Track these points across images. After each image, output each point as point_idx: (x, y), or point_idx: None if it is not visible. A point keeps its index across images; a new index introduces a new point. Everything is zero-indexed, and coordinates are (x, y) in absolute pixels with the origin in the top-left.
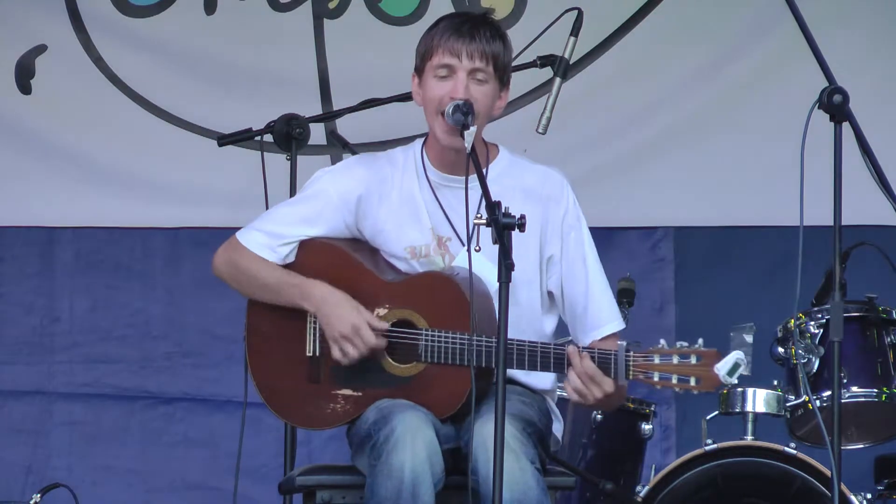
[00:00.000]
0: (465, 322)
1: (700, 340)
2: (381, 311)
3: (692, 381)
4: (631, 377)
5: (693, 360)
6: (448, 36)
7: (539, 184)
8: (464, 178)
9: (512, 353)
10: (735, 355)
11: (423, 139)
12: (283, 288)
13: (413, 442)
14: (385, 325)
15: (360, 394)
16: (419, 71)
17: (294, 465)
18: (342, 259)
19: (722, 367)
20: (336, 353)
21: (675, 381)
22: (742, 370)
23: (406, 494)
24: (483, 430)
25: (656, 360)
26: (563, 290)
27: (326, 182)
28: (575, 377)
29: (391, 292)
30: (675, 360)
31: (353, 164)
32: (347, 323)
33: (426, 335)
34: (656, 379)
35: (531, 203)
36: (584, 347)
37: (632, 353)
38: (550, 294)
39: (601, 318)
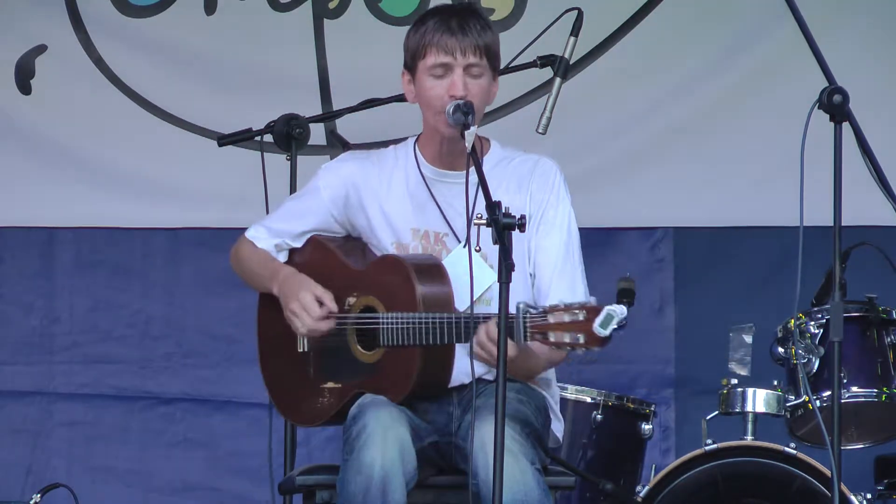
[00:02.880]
0: (412, 301)
1: (592, 298)
2: (352, 300)
3: (581, 339)
4: (528, 339)
5: (580, 316)
6: (440, 34)
7: (529, 172)
8: (459, 172)
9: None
10: (608, 308)
11: (415, 137)
12: (263, 272)
13: (384, 439)
14: (333, 306)
15: (340, 385)
16: (410, 69)
17: (294, 465)
18: (322, 253)
19: (597, 320)
20: (295, 329)
21: (567, 339)
22: (616, 322)
23: (375, 491)
24: (481, 432)
25: (551, 320)
26: (536, 265)
27: (320, 177)
28: (475, 342)
29: (359, 280)
30: (566, 318)
31: (345, 160)
32: (295, 297)
33: (384, 319)
34: (552, 339)
35: (523, 193)
36: (485, 315)
37: (529, 314)
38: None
39: (563, 291)
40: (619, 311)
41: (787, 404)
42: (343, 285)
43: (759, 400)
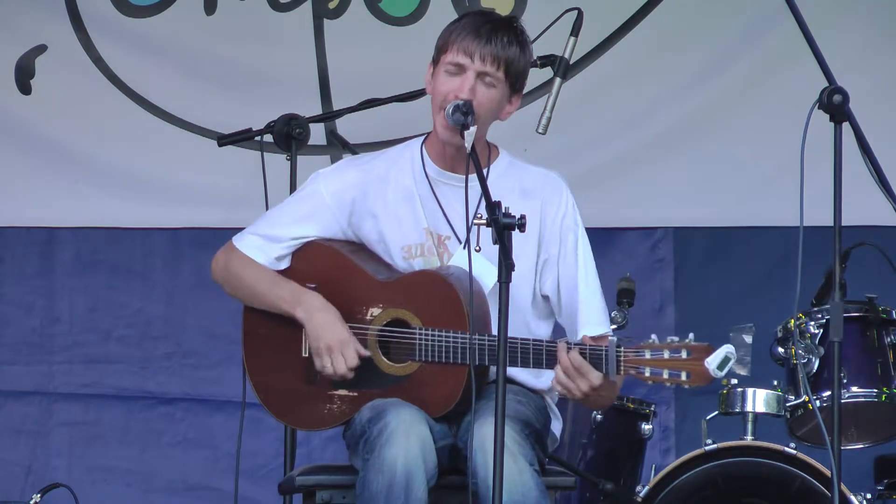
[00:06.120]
0: (458, 321)
1: (691, 335)
2: (376, 311)
3: (683, 376)
4: (622, 372)
5: (684, 354)
6: (465, 35)
7: (538, 186)
8: (463, 175)
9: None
10: (725, 349)
11: (423, 136)
12: (274, 294)
13: (407, 437)
14: (366, 353)
15: (355, 394)
16: (435, 62)
17: (294, 465)
18: (336, 260)
19: (712, 361)
20: (323, 365)
21: (666, 375)
22: (732, 364)
23: (398, 489)
24: (481, 432)
25: (647, 355)
26: (560, 293)
27: (320, 183)
28: (560, 370)
29: (385, 292)
30: (666, 354)
31: (346, 166)
32: (337, 336)
33: (421, 334)
34: (647, 374)
35: (530, 205)
36: (574, 343)
37: (622, 348)
38: (546, 298)
39: (591, 319)
40: (733, 352)
41: (787, 404)
42: (364, 294)
43: (759, 400)
